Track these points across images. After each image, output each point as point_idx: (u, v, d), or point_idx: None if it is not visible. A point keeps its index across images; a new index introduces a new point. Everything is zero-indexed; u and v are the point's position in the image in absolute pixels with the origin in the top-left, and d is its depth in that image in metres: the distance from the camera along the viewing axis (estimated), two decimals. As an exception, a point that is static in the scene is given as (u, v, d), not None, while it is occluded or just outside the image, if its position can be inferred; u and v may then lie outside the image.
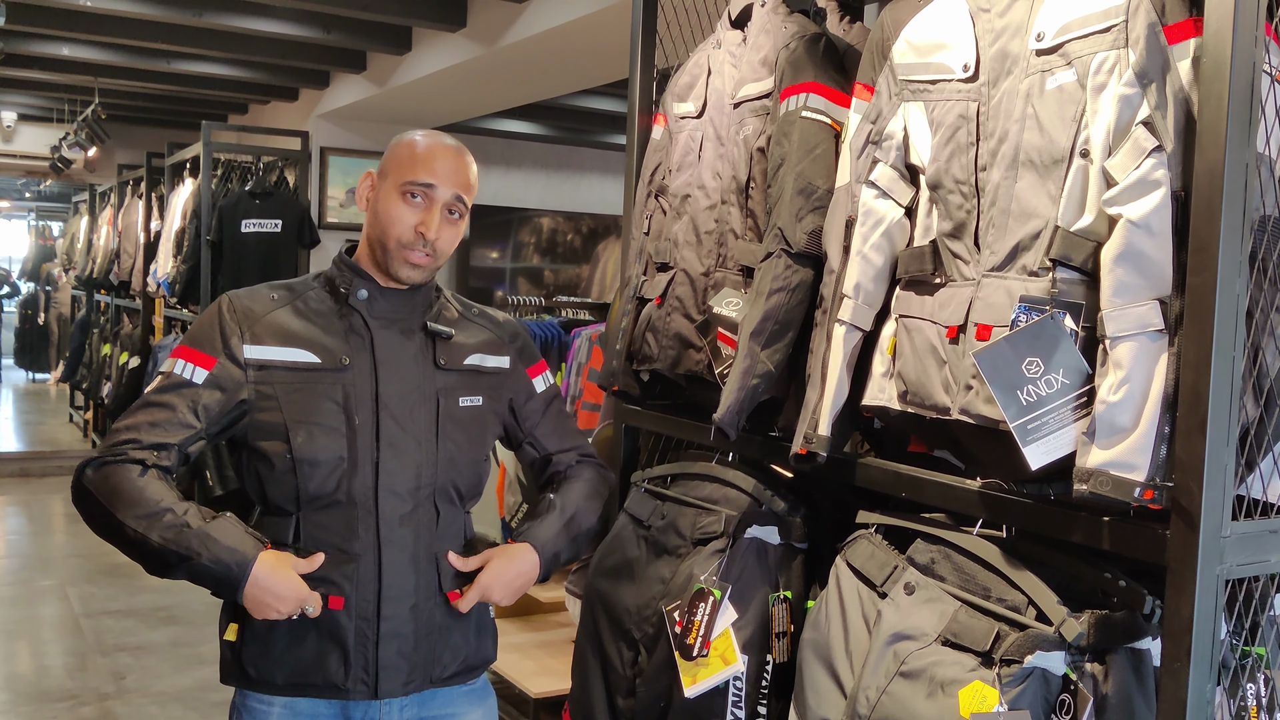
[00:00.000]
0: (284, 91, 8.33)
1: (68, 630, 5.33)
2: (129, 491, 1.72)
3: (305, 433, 1.79)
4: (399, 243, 1.83)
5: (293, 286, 1.91)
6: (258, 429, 1.81)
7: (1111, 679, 1.44)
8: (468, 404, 1.93)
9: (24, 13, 6.08)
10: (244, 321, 1.83)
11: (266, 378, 1.81)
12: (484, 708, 2.00)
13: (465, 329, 1.98)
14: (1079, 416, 1.44)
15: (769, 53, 2.05)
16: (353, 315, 1.87)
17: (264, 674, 1.81)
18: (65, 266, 12.76)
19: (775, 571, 1.97)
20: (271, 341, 1.82)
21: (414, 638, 1.83)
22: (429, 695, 1.89)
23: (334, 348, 1.84)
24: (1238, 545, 1.37)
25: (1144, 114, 1.40)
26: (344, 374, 1.83)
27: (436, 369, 1.90)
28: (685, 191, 2.21)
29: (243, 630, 1.82)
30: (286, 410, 1.80)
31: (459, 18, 5.73)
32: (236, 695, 1.87)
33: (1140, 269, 1.38)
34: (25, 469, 9.08)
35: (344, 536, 1.80)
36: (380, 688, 1.81)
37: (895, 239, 1.77)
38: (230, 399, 1.80)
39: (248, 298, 1.87)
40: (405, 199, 1.82)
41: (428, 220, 1.82)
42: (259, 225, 6.46)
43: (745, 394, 1.90)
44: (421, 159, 1.83)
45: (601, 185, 10.13)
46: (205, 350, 1.81)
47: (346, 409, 1.82)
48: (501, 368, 2.00)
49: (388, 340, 1.87)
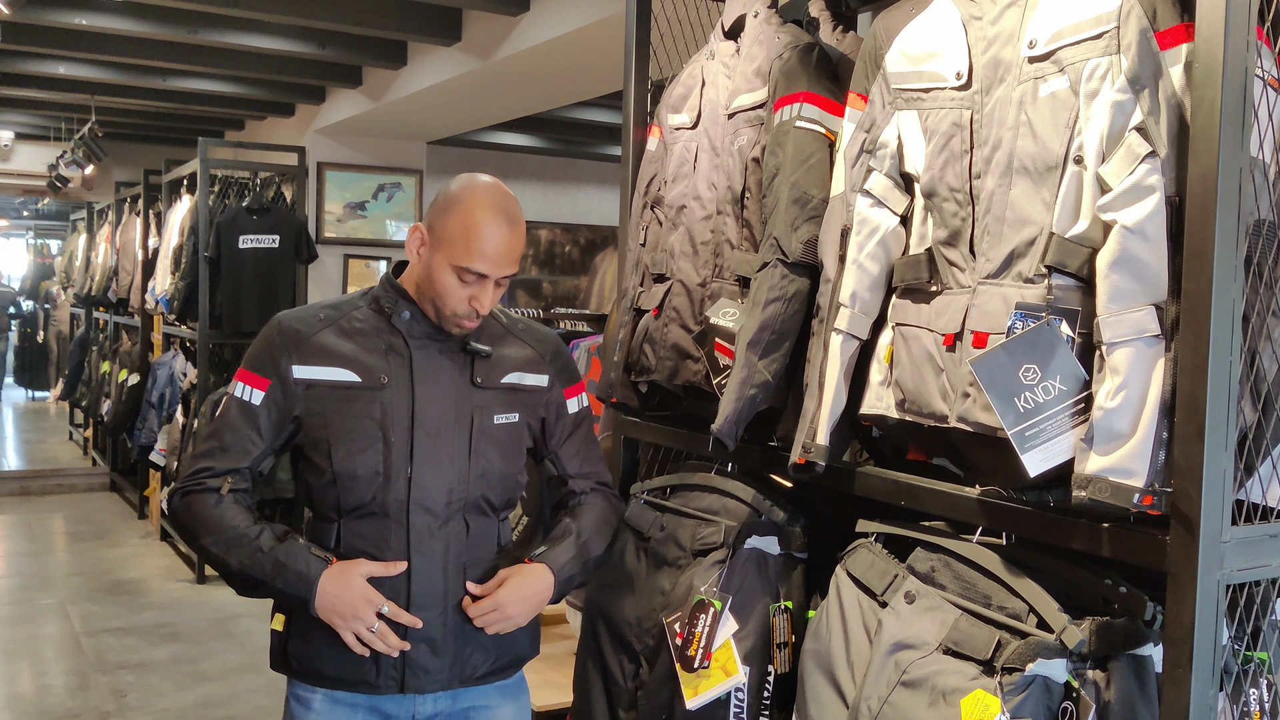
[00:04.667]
0: (280, 107, 8.34)
1: (69, 648, 5.32)
2: (208, 519, 1.89)
3: (345, 448, 1.90)
4: (454, 312, 1.92)
5: (340, 305, 2.01)
6: (308, 443, 1.94)
7: (1113, 686, 1.43)
8: (503, 420, 2.00)
9: (20, 32, 6.09)
10: (292, 343, 1.94)
11: (313, 395, 1.93)
12: (517, 703, 2.08)
13: (507, 345, 2.05)
14: (1077, 423, 1.43)
15: (762, 63, 2.05)
16: (394, 335, 1.96)
17: (303, 665, 1.94)
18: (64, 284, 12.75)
19: (775, 582, 1.97)
20: (317, 361, 1.93)
21: (443, 641, 1.92)
22: (461, 691, 1.98)
23: (374, 366, 1.94)
24: (1238, 550, 1.36)
25: (1137, 120, 1.40)
26: (382, 392, 1.92)
27: (474, 387, 1.98)
28: (681, 202, 2.21)
29: (288, 622, 1.95)
30: (330, 426, 1.91)
31: (454, 32, 5.74)
32: (287, 684, 2.00)
33: (1136, 275, 1.38)
34: (25, 487, 9.06)
35: (377, 545, 1.91)
36: (408, 684, 1.91)
37: (891, 247, 1.77)
38: (285, 416, 1.93)
39: (297, 320, 1.98)
40: (458, 276, 1.89)
41: (480, 297, 1.91)
42: (256, 241, 6.46)
43: (743, 404, 1.89)
44: (478, 249, 1.87)
45: (598, 197, 10.14)
46: (260, 373, 1.94)
47: (383, 425, 1.91)
48: (540, 385, 2.07)
49: (426, 360, 1.95)
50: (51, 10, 5.69)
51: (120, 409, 8.06)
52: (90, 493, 9.12)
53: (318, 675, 1.93)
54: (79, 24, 5.82)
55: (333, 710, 1.93)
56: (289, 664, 1.96)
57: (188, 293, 6.60)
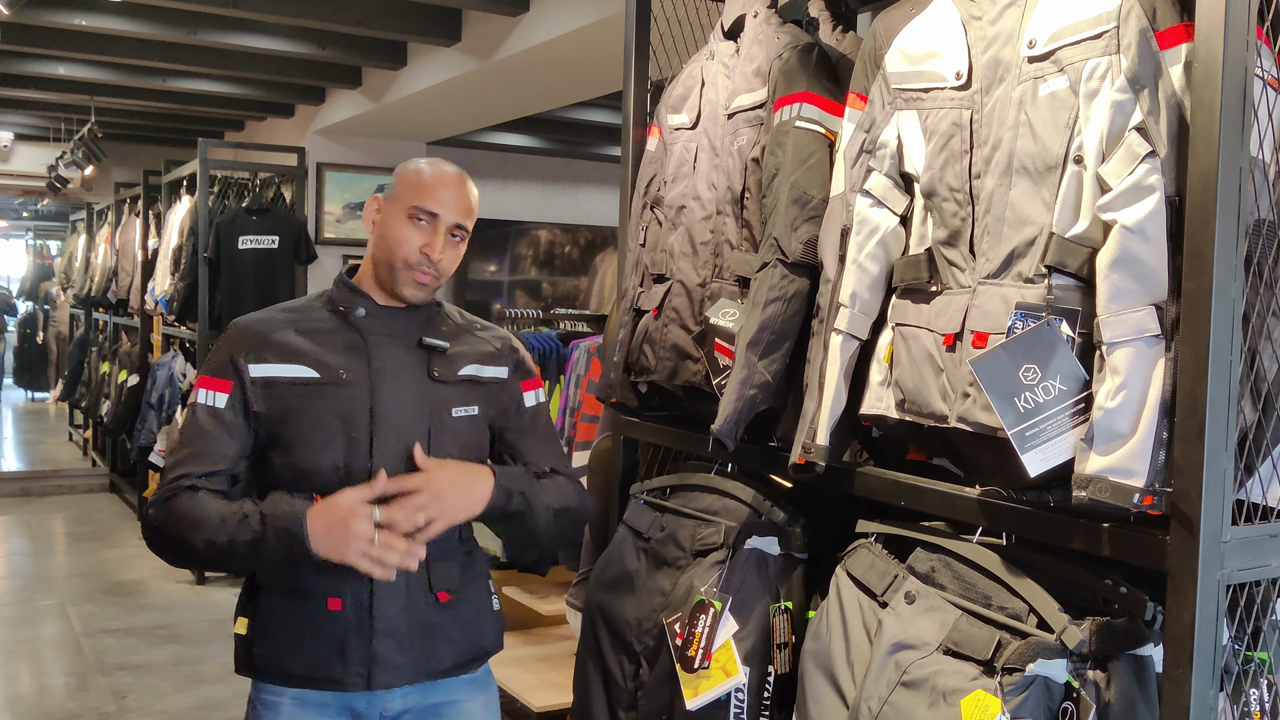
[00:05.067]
0: (280, 108, 8.34)
1: (68, 649, 5.31)
2: (190, 514, 1.85)
3: (306, 444, 1.90)
4: (405, 263, 1.94)
5: (296, 307, 2.04)
6: (269, 440, 1.93)
7: (1114, 686, 1.43)
8: (462, 414, 2.00)
9: (19, 32, 6.09)
10: (248, 343, 1.94)
11: (273, 393, 1.92)
12: (485, 695, 2.08)
13: (464, 341, 2.06)
14: (1077, 423, 1.43)
15: (762, 63, 2.05)
16: (352, 333, 1.97)
17: (270, 665, 1.93)
18: (63, 285, 12.76)
19: (775, 582, 1.97)
20: (274, 359, 1.93)
21: (408, 635, 1.92)
22: (429, 685, 1.98)
23: (333, 363, 1.94)
24: (1238, 550, 1.36)
25: (1137, 120, 1.40)
26: (343, 388, 1.93)
27: (432, 381, 1.98)
28: (680, 203, 2.21)
29: (251, 624, 1.94)
30: (290, 422, 1.91)
31: (454, 32, 5.74)
32: (252, 688, 1.98)
33: (1136, 274, 1.38)
34: (26, 488, 9.06)
35: None
36: (375, 679, 1.91)
37: (890, 247, 1.77)
38: (249, 415, 1.92)
39: (253, 321, 1.99)
40: (412, 222, 1.94)
41: (433, 242, 1.93)
42: (256, 242, 6.46)
43: (743, 404, 1.89)
44: (428, 187, 1.95)
45: (598, 197, 10.14)
46: (221, 376, 1.93)
47: (345, 421, 1.91)
48: (499, 378, 2.07)
49: (385, 355, 1.96)
50: (51, 11, 5.69)
51: (120, 410, 8.06)
52: (90, 494, 9.11)
53: (286, 675, 1.92)
54: (78, 25, 5.82)
55: (302, 712, 1.93)
56: (255, 666, 1.94)
57: (187, 293, 6.60)
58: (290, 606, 1.91)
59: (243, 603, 1.98)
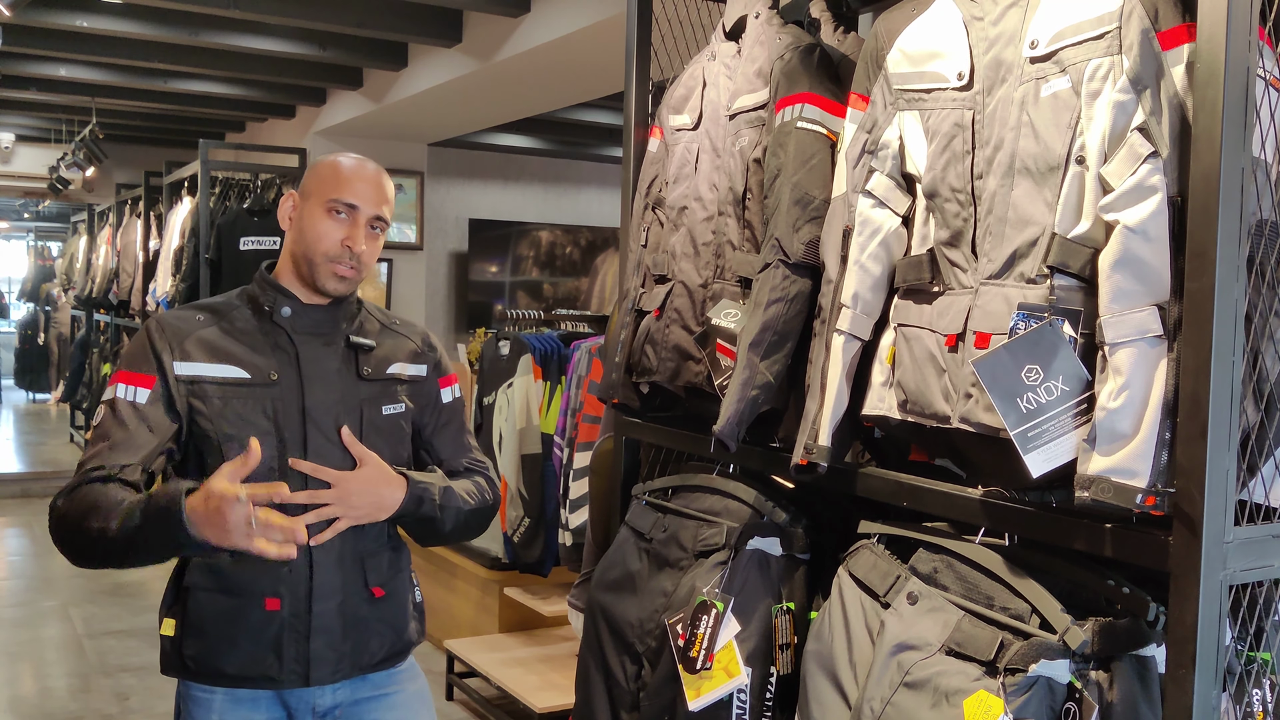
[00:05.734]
0: (281, 109, 8.35)
1: (71, 651, 5.32)
2: (89, 500, 1.76)
3: (236, 445, 1.86)
4: (326, 256, 1.94)
5: (216, 307, 2.00)
6: (197, 439, 1.91)
7: (1116, 687, 1.43)
8: (390, 411, 2.03)
9: (21, 34, 6.09)
10: (173, 340, 1.91)
11: (198, 392, 1.90)
12: (415, 685, 2.11)
13: (388, 339, 2.08)
14: (1079, 423, 1.43)
15: (764, 64, 2.05)
16: (278, 332, 1.97)
17: (203, 666, 1.92)
18: (64, 286, 12.76)
19: (778, 583, 1.97)
20: (200, 358, 1.91)
21: (342, 631, 1.94)
22: (359, 680, 2.00)
23: (262, 364, 1.94)
24: (1241, 550, 1.36)
25: (1139, 120, 1.40)
26: (272, 388, 1.93)
27: (360, 380, 2.00)
28: (682, 204, 2.22)
29: (180, 625, 1.94)
30: (217, 423, 1.89)
31: (454, 33, 5.74)
32: (180, 685, 1.98)
33: (1138, 275, 1.38)
34: (27, 490, 9.06)
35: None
36: (311, 676, 1.93)
37: (893, 248, 1.77)
38: (172, 413, 1.89)
39: (175, 318, 1.96)
40: (330, 216, 1.94)
41: (353, 235, 1.94)
42: (257, 243, 6.46)
43: (745, 405, 1.89)
44: (345, 180, 1.96)
45: (599, 198, 10.15)
46: (143, 370, 1.90)
47: (275, 422, 1.91)
48: (420, 376, 2.10)
49: (312, 354, 1.97)
50: (52, 12, 5.70)
51: (121, 411, 8.05)
52: (91, 495, 9.11)
53: (218, 674, 1.91)
54: (80, 26, 5.82)
55: (235, 708, 1.93)
56: (185, 666, 1.93)
57: (188, 294, 6.60)
58: (222, 606, 1.90)
59: (168, 604, 1.96)
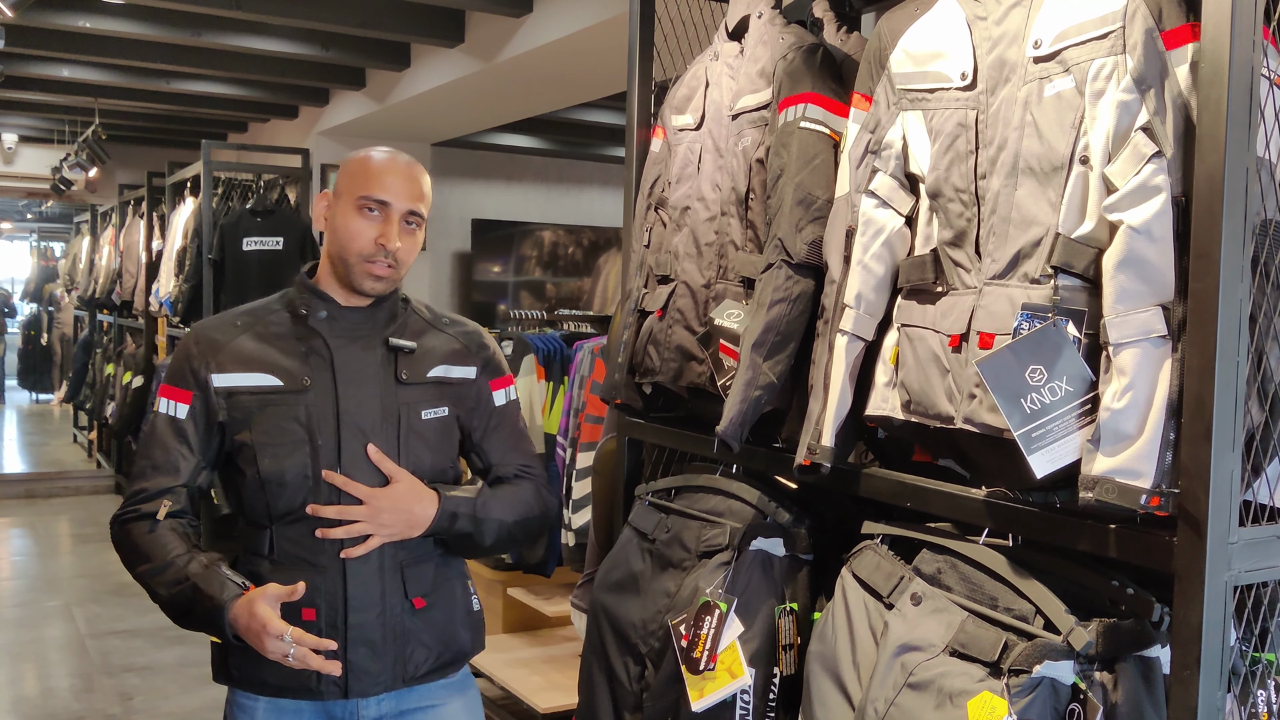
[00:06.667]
0: (284, 109, 8.35)
1: (74, 651, 5.32)
2: (140, 547, 1.86)
3: (271, 453, 1.87)
4: (360, 256, 1.89)
5: (255, 311, 1.98)
6: (233, 450, 1.91)
7: (1121, 688, 1.43)
8: (431, 415, 1.97)
9: (24, 35, 6.10)
10: (209, 352, 1.91)
11: (235, 403, 1.89)
12: (465, 698, 2.05)
13: (433, 339, 2.02)
14: (1083, 424, 1.43)
15: (766, 64, 2.05)
16: (313, 337, 1.93)
17: (246, 675, 1.91)
18: (67, 287, 12.78)
19: (781, 584, 1.96)
20: (235, 368, 1.90)
21: (382, 642, 1.90)
22: (405, 691, 1.95)
23: (295, 370, 1.90)
24: (1245, 551, 1.36)
25: (1143, 120, 1.39)
26: (305, 395, 1.89)
27: (399, 384, 1.95)
28: (685, 204, 2.21)
29: None
30: (254, 432, 1.88)
31: (457, 33, 5.74)
32: (229, 692, 1.98)
33: (1142, 275, 1.38)
34: (30, 490, 9.08)
35: (311, 550, 1.88)
36: (351, 688, 1.89)
37: (896, 248, 1.76)
38: (212, 426, 1.91)
39: (212, 328, 1.95)
40: (363, 214, 1.88)
41: (387, 232, 1.88)
42: (260, 243, 6.47)
43: (748, 406, 1.89)
44: (375, 176, 1.89)
45: (602, 198, 10.15)
46: (182, 386, 1.91)
47: (309, 429, 1.88)
48: (467, 378, 2.03)
49: (348, 359, 1.92)
50: (55, 13, 5.70)
51: (125, 411, 8.07)
52: (95, 495, 9.13)
53: (261, 684, 1.90)
54: (83, 27, 5.83)
55: (278, 718, 1.92)
56: (230, 674, 1.93)
57: (191, 295, 6.61)
58: None
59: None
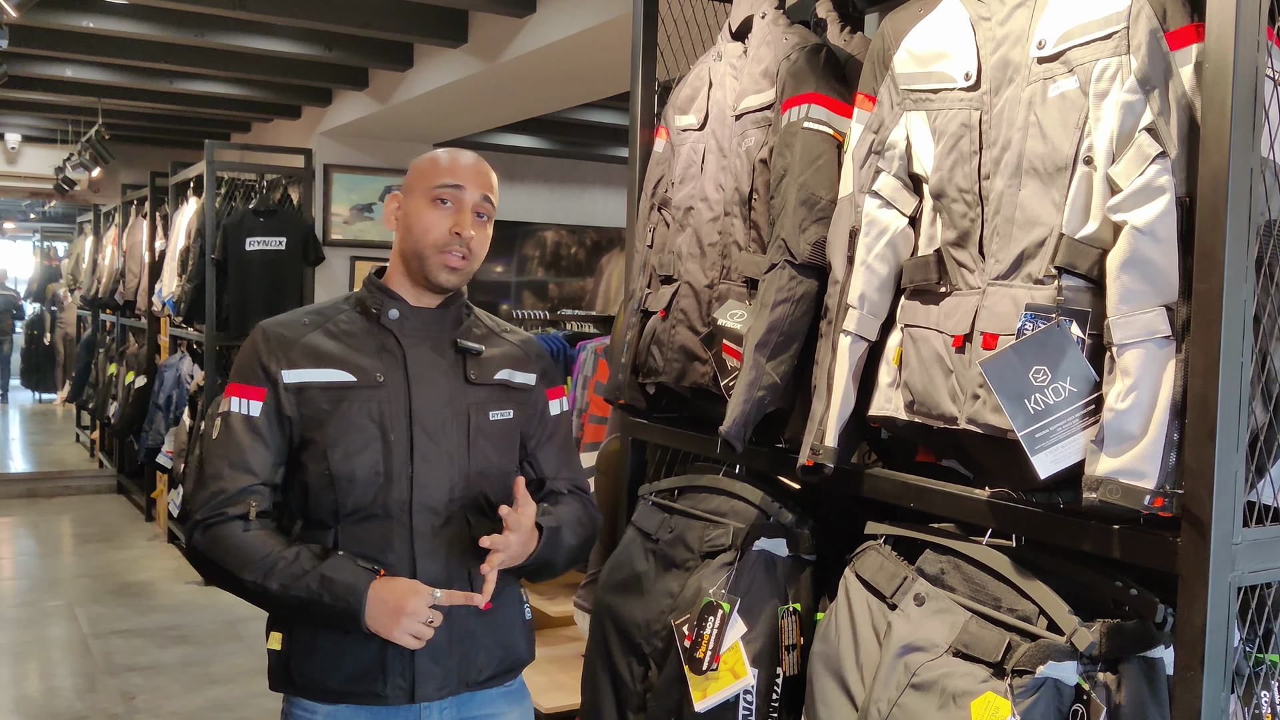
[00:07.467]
0: (286, 109, 8.35)
1: (76, 651, 5.33)
2: (239, 549, 1.82)
3: (342, 449, 1.86)
4: (435, 247, 1.89)
5: (323, 310, 1.98)
6: (302, 446, 1.89)
7: (1124, 688, 1.43)
8: (498, 417, 1.98)
9: (27, 35, 6.10)
10: (279, 348, 1.90)
11: (306, 399, 1.88)
12: (521, 708, 2.04)
13: (495, 345, 2.03)
14: (1087, 424, 1.43)
15: (770, 64, 2.05)
16: (385, 335, 1.93)
17: (308, 681, 1.87)
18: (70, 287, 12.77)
19: (784, 584, 1.96)
20: (306, 364, 1.89)
21: (448, 644, 1.88)
22: (466, 698, 1.93)
23: (368, 366, 1.90)
24: (1249, 552, 1.36)
25: (1147, 120, 1.39)
26: (379, 391, 1.89)
27: (468, 384, 1.95)
28: (688, 204, 2.21)
29: (286, 639, 1.89)
30: (325, 428, 1.87)
31: (460, 34, 5.74)
32: (285, 701, 1.94)
33: (1146, 276, 1.38)
34: (33, 490, 9.09)
35: (379, 549, 1.86)
36: (417, 692, 1.86)
37: (899, 249, 1.76)
38: (283, 422, 1.88)
39: (280, 326, 1.94)
40: (435, 205, 1.90)
41: (460, 220, 1.89)
42: (263, 243, 6.47)
43: (751, 406, 1.89)
44: (445, 167, 1.92)
45: (604, 198, 10.14)
46: (254, 383, 1.89)
47: (382, 425, 1.87)
48: (528, 384, 2.04)
49: (420, 357, 1.93)
50: (59, 13, 5.71)
51: (127, 411, 8.08)
52: (97, 495, 9.14)
53: (324, 691, 1.87)
54: (86, 27, 5.83)
55: None
56: (293, 682, 1.89)
57: (194, 295, 6.62)
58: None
59: (274, 617, 1.92)
